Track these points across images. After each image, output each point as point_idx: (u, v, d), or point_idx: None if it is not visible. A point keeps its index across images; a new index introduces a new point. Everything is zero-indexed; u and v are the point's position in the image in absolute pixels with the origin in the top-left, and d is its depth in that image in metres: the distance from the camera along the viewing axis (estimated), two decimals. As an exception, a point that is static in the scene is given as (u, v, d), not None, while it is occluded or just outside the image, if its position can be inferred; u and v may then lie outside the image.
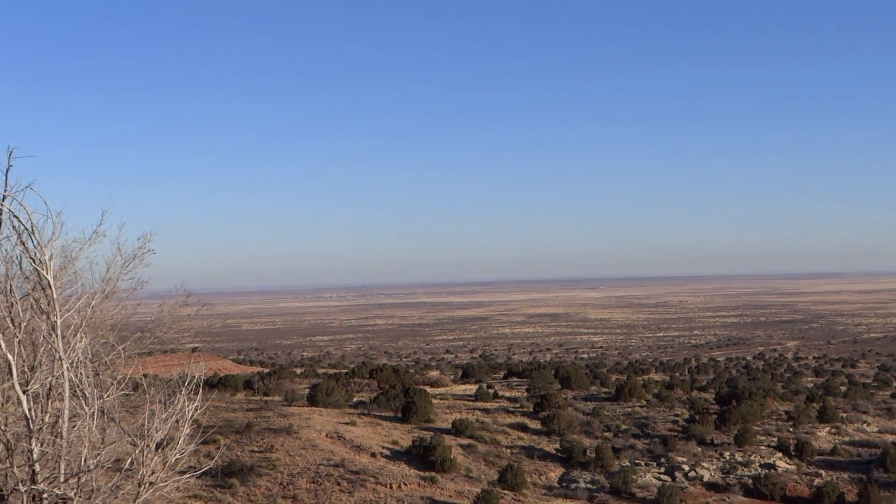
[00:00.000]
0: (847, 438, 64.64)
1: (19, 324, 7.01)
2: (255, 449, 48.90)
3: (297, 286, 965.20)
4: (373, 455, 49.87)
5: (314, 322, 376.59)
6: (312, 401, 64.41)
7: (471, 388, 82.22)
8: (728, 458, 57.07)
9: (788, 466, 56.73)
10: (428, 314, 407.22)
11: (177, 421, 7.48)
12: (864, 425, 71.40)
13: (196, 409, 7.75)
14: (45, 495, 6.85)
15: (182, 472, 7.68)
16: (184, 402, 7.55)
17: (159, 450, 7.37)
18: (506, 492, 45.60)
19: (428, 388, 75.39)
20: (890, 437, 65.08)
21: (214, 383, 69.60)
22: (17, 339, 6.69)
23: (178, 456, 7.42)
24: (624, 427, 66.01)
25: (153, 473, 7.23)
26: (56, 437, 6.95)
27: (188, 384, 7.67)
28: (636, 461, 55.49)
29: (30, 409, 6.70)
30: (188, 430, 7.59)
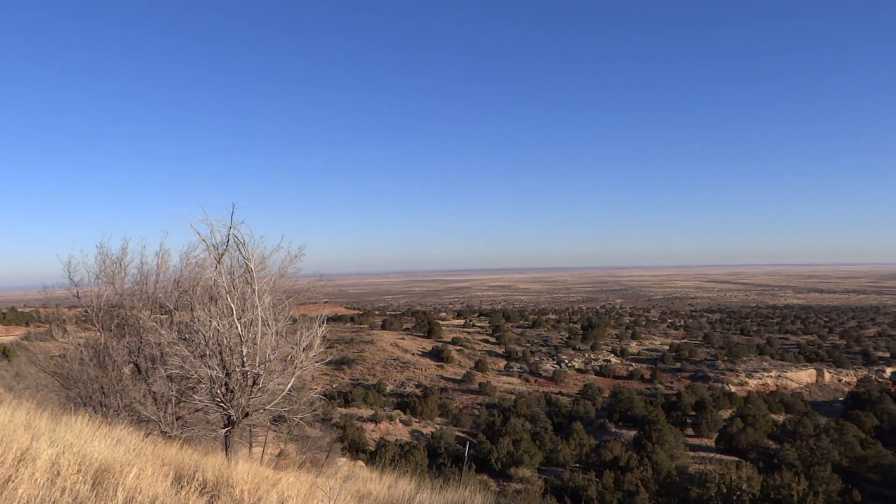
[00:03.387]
0: (646, 346, 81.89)
1: (237, 288, 9.43)
2: (355, 350, 64.99)
3: (367, 271, 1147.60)
4: (413, 354, 66.35)
5: (384, 289, 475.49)
6: (383, 327, 79.08)
7: (461, 322, 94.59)
8: (587, 356, 72.35)
9: (617, 360, 72.24)
10: (440, 286, 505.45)
11: (313, 336, 9.79)
12: (654, 340, 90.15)
13: (322, 331, 10.01)
14: (248, 372, 9.17)
15: (317, 362, 10.05)
16: (317, 327, 9.89)
17: (305, 351, 9.72)
18: (478, 372, 61.33)
19: (440, 321, 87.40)
20: (665, 346, 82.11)
21: (335, 318, 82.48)
22: (235, 296, 9.16)
23: (314, 353, 9.76)
24: (536, 341, 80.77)
25: (302, 362, 9.66)
26: (254, 344, 9.22)
27: (319, 318, 10.08)
28: (542, 358, 70.30)
29: (241, 331, 9.11)
30: (319, 341, 9.87)
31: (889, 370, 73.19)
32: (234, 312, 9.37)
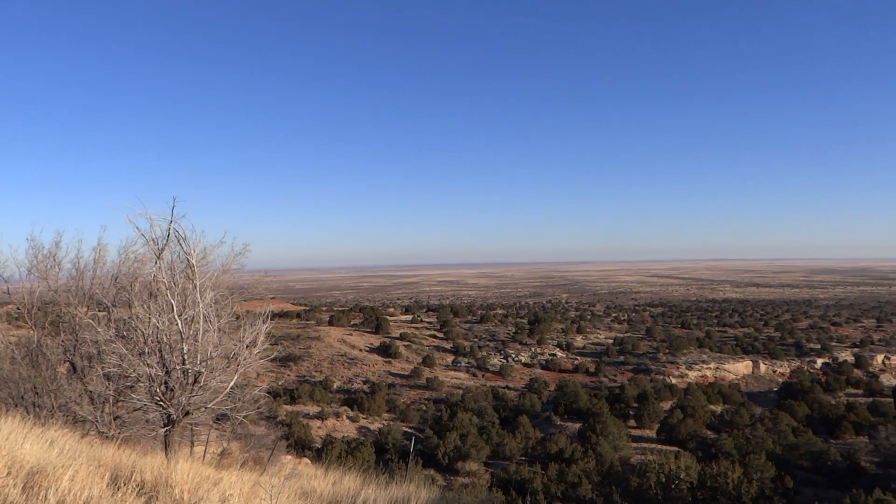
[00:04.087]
0: (590, 340, 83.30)
1: (178, 284, 9.19)
2: (301, 347, 64.54)
3: (315, 267, 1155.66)
4: (360, 350, 66.15)
5: (331, 284, 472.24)
6: (331, 323, 78.51)
7: (409, 317, 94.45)
8: (534, 350, 73.03)
9: (562, 354, 73.25)
10: (389, 281, 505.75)
11: (257, 333, 9.56)
12: (598, 334, 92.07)
13: (267, 327, 9.79)
14: (189, 370, 8.98)
15: (262, 359, 9.84)
16: (262, 323, 9.68)
17: (248, 347, 9.54)
18: (425, 367, 61.25)
19: (388, 317, 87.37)
20: (609, 340, 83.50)
21: (281, 314, 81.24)
22: (176, 292, 8.92)
23: (258, 350, 9.57)
24: (484, 336, 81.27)
25: (245, 359, 9.49)
26: (196, 341, 9.01)
27: (264, 315, 9.85)
28: (489, 352, 70.65)
29: (182, 328, 8.88)
30: (263, 338, 9.68)
31: (820, 361, 76.27)
32: (175, 309, 9.17)
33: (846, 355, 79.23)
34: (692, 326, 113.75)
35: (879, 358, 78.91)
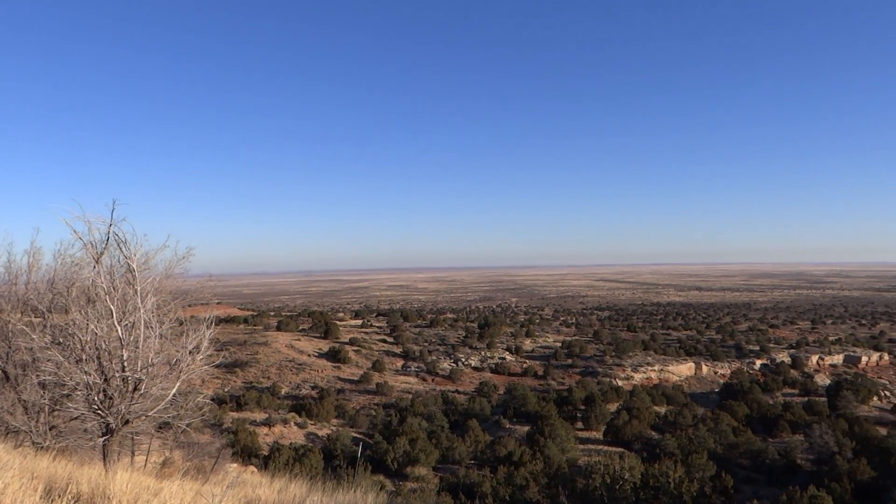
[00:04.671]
0: (539, 344, 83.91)
1: (118, 290, 8.97)
2: (248, 353, 63.41)
3: (263, 271, 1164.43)
4: (309, 355, 64.97)
5: (280, 289, 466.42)
6: (279, 328, 77.19)
7: (359, 322, 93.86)
8: (484, 354, 72.89)
9: (512, 358, 73.14)
10: (338, 286, 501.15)
11: (201, 338, 9.52)
12: (547, 338, 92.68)
13: (211, 333, 9.76)
14: (129, 377, 8.81)
15: (205, 365, 9.82)
16: (206, 328, 9.67)
17: (191, 353, 9.47)
18: (375, 372, 60.78)
19: (337, 322, 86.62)
20: (557, 343, 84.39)
21: (227, 319, 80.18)
22: (116, 297, 8.71)
23: (201, 356, 9.52)
24: (434, 340, 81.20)
25: (188, 365, 9.43)
26: (136, 348, 8.86)
27: (208, 320, 9.89)
28: (439, 357, 70.49)
29: (122, 334, 8.69)
30: (207, 343, 9.60)
31: (759, 362, 78.67)
32: (114, 315, 8.98)
33: (783, 356, 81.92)
34: (638, 329, 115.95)
35: (814, 359, 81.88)
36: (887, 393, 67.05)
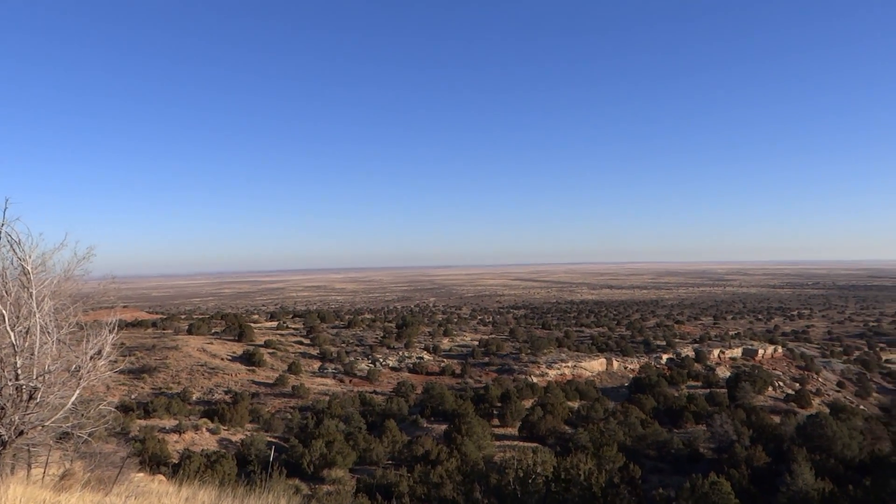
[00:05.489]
0: (457, 343, 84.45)
1: (10, 293, 8.64)
2: (157, 357, 60.80)
3: (172, 273, 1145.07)
4: (222, 359, 63.37)
5: (191, 291, 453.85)
6: (190, 332, 74.50)
7: (274, 324, 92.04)
8: (401, 354, 72.94)
9: (430, 357, 73.59)
10: (252, 287, 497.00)
11: (104, 344, 9.23)
12: (464, 337, 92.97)
13: (115, 337, 9.47)
14: (23, 386, 8.49)
15: (108, 371, 9.60)
16: (108, 333, 9.38)
17: (93, 359, 9.13)
18: (291, 375, 59.58)
19: (252, 324, 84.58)
20: (475, 342, 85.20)
21: (134, 323, 77.60)
22: (8, 301, 8.42)
23: (103, 362, 9.21)
24: (351, 341, 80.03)
25: (89, 372, 9.09)
26: (31, 355, 8.55)
27: (111, 324, 9.57)
28: (357, 358, 69.81)
29: (15, 341, 8.40)
30: (110, 349, 9.33)
31: (665, 357, 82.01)
32: (7, 320, 8.52)
33: (688, 351, 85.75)
34: (552, 327, 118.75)
35: (716, 352, 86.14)
36: (781, 383, 71.32)
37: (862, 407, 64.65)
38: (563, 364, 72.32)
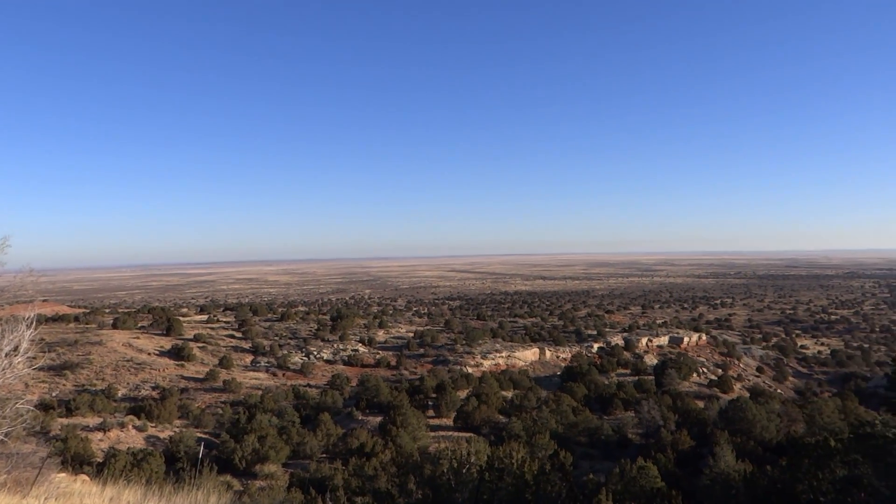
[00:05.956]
0: (392, 335, 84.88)
1: None
2: (80, 353, 58.56)
3: (96, 265, 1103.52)
4: (149, 354, 61.45)
5: (116, 285, 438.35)
6: (115, 326, 71.94)
7: (204, 317, 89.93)
8: (336, 347, 72.48)
9: (365, 350, 73.45)
10: (181, 280, 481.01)
11: (20, 339, 8.99)
12: (400, 328, 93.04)
13: (33, 333, 9.25)
14: None
15: (29, 368, 9.38)
16: (25, 328, 9.16)
17: (7, 356, 8.92)
18: (222, 369, 58.72)
19: (181, 318, 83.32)
20: (410, 333, 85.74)
21: (55, 318, 74.19)
22: None
23: (20, 359, 8.99)
24: (285, 334, 79.02)
25: (4, 370, 8.85)
26: None
27: (28, 318, 9.34)
28: (290, 351, 68.95)
29: None
30: (27, 345, 9.11)
31: (596, 346, 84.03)
32: None
33: (617, 339, 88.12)
34: (487, 318, 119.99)
35: (644, 341, 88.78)
36: (705, 370, 74.11)
37: (779, 391, 67.95)
38: (498, 354, 73.22)
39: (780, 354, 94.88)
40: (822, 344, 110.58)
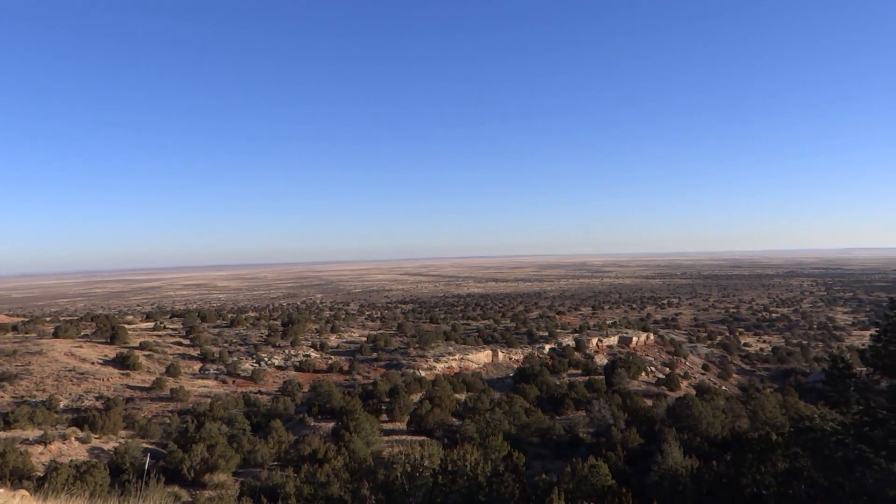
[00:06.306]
0: (345, 339, 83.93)
1: None
2: (19, 364, 56.75)
3: (35, 272, 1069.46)
4: (93, 363, 59.73)
5: (57, 292, 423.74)
6: (56, 335, 69.48)
7: (151, 324, 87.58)
8: (287, 353, 71.87)
9: (317, 355, 72.78)
10: (126, 287, 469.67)
11: None
12: (352, 333, 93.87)
13: None
14: None
15: None
16: None
17: None
18: (169, 378, 57.36)
19: (126, 325, 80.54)
20: (363, 338, 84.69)
21: (-10, 327, 68.89)
22: None
23: None
24: (235, 340, 77.80)
25: None
26: None
27: None
28: (241, 357, 68.11)
29: None
30: None
31: (548, 347, 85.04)
32: None
33: (569, 340, 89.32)
34: (440, 321, 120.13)
35: (594, 341, 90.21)
36: (653, 368, 75.68)
37: (724, 388, 69.81)
38: (451, 357, 73.42)
39: (725, 352, 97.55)
40: (764, 341, 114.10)
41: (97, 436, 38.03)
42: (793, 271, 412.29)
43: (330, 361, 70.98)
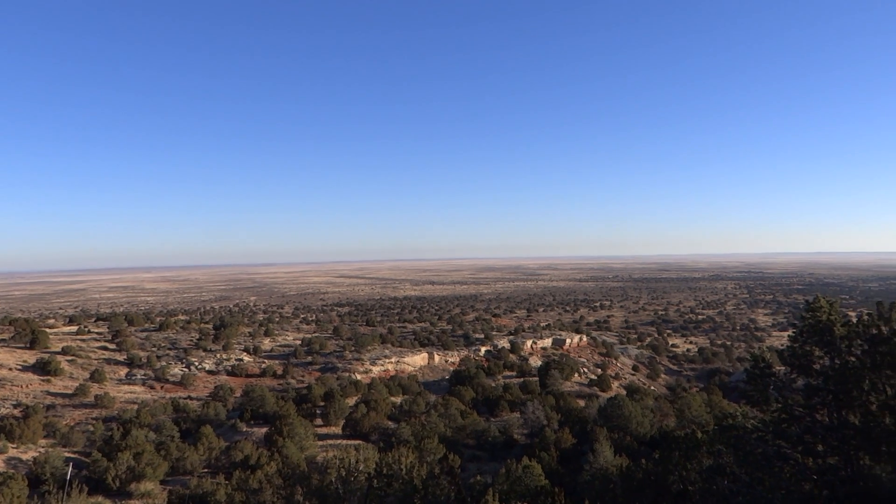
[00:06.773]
0: (279, 343, 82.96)
1: None
2: (-75, 372, 51.83)
3: None
4: (10, 369, 57.20)
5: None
6: (-33, 340, 64.69)
7: (74, 328, 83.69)
8: (219, 357, 70.48)
9: (250, 359, 71.62)
10: (47, 288, 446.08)
11: None
12: (287, 336, 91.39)
13: None
14: None
15: None
16: None
17: None
18: (94, 384, 55.23)
19: (47, 329, 77.17)
20: (297, 341, 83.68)
21: None
22: None
23: None
24: (164, 344, 75.74)
25: None
26: None
27: None
28: (170, 362, 66.10)
29: None
30: None
31: (484, 349, 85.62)
32: None
33: (504, 342, 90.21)
34: (376, 324, 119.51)
35: (529, 343, 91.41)
36: (586, 370, 77.24)
37: (653, 388, 71.89)
38: (387, 360, 73.13)
39: (654, 353, 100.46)
40: (691, 342, 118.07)
41: (14, 445, 36.27)
42: (718, 275, 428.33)
43: (263, 365, 69.69)
